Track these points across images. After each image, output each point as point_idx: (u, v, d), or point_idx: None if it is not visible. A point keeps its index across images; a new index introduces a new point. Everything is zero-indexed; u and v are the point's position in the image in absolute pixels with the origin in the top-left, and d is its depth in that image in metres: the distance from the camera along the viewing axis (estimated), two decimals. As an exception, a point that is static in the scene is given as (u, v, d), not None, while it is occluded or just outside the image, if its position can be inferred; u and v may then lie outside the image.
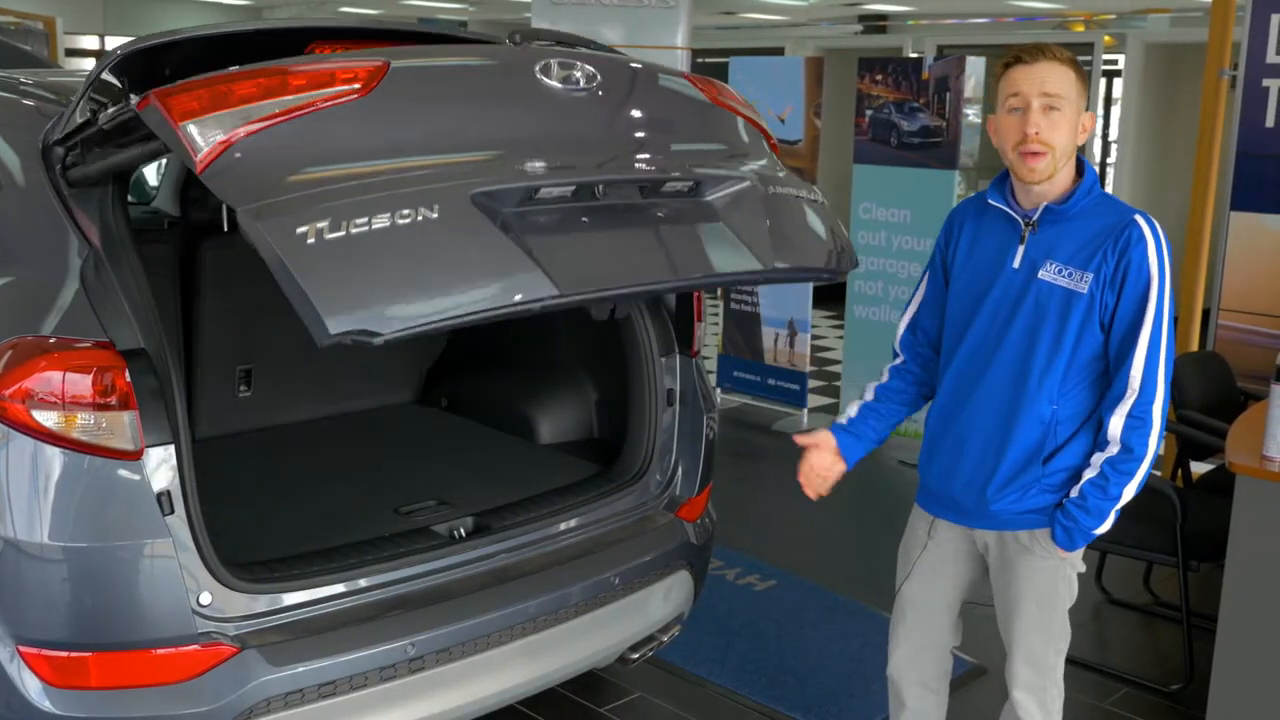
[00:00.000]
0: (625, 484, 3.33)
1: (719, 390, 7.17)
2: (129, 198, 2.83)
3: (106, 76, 2.49)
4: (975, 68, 6.16)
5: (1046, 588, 2.64)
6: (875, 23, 12.73)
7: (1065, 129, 2.46)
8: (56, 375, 2.41)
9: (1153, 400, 2.47)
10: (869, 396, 2.85)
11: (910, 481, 6.17)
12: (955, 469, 2.66)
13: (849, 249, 2.90)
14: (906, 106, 6.27)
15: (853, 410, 2.84)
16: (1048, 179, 2.49)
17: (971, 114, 6.16)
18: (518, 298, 2.23)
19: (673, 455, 3.41)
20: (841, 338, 7.59)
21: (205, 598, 2.51)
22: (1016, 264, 2.55)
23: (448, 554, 2.92)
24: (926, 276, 2.81)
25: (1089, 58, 9.74)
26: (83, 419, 2.40)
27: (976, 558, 2.75)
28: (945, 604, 2.81)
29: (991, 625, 2.77)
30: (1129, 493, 2.52)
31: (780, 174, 2.85)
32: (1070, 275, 2.49)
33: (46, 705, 2.44)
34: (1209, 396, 4.53)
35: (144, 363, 2.45)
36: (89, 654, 2.44)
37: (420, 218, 2.16)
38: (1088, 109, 2.54)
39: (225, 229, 3.66)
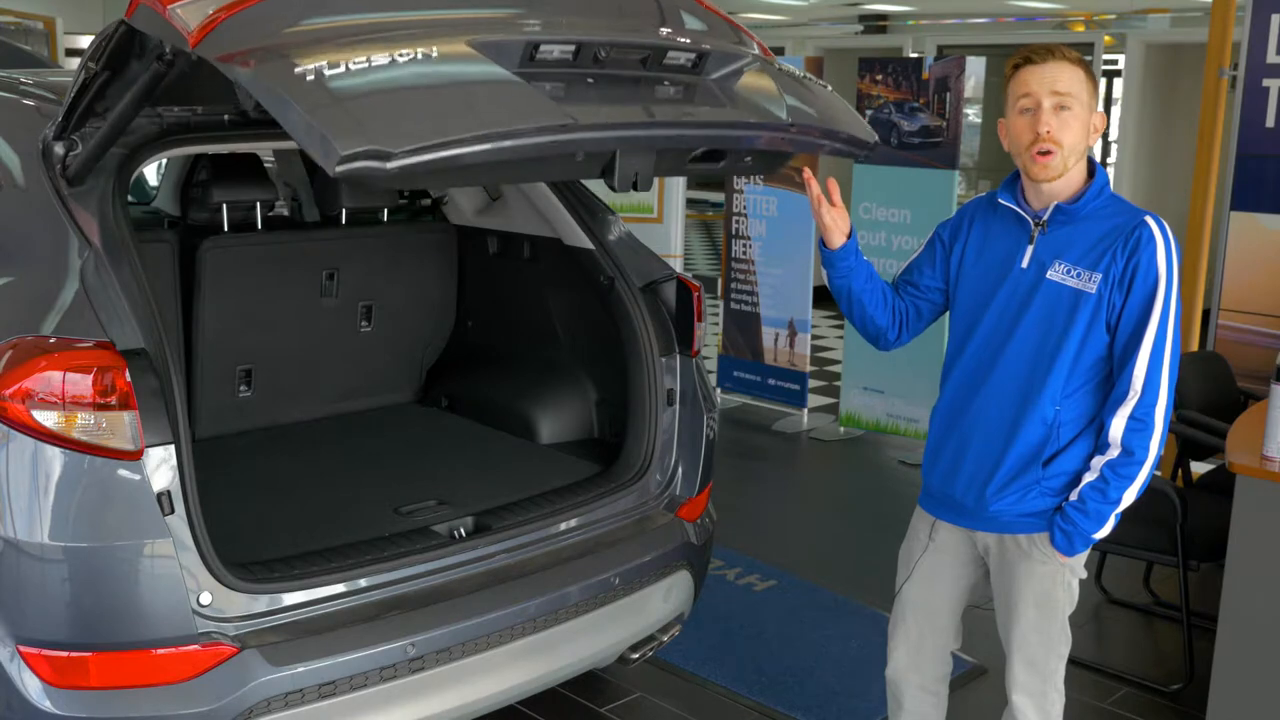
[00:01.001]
0: (625, 484, 3.33)
1: (719, 390, 7.17)
2: (129, 198, 2.82)
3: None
4: (975, 68, 6.16)
5: (1045, 592, 2.62)
6: (875, 23, 12.73)
7: (1076, 128, 2.46)
8: (57, 375, 2.41)
9: (1155, 403, 2.46)
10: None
11: (910, 481, 6.19)
12: (957, 469, 2.66)
13: (865, 124, 2.82)
14: (906, 106, 6.26)
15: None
16: (1059, 177, 2.49)
17: (972, 114, 6.15)
18: (532, 124, 2.14)
19: (673, 455, 3.41)
20: (841, 338, 7.59)
21: (205, 598, 2.51)
22: (1025, 264, 2.56)
23: (448, 554, 2.92)
24: (928, 242, 2.80)
25: (1089, 58, 9.74)
26: (83, 419, 2.40)
27: (978, 560, 2.75)
28: (946, 606, 2.80)
29: (992, 625, 2.77)
30: (1129, 497, 2.50)
31: (781, 66, 2.80)
32: (1079, 275, 2.49)
33: (47, 705, 2.44)
34: (1209, 396, 4.52)
35: (144, 362, 2.45)
36: (89, 654, 2.45)
37: (420, 56, 2.12)
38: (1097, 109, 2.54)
39: (225, 229, 3.69)
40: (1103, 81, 11.12)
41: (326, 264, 3.87)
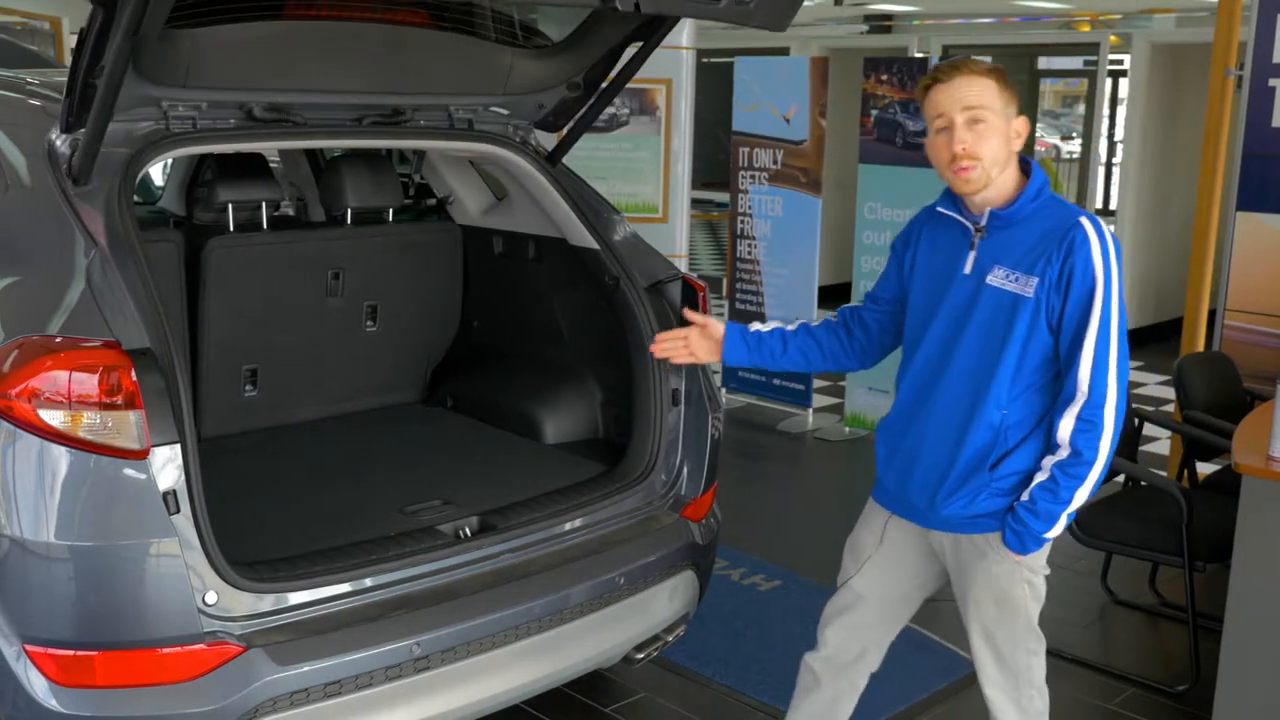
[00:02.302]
0: (630, 484, 3.33)
1: (724, 390, 7.17)
2: (134, 197, 2.83)
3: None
4: (981, 68, 6.15)
5: (1004, 590, 2.63)
6: (881, 23, 12.73)
7: (993, 139, 2.48)
8: (63, 374, 2.41)
9: (1103, 403, 2.45)
10: (790, 326, 2.89)
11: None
12: (910, 474, 2.68)
13: None
14: (912, 106, 6.26)
15: (765, 326, 2.89)
16: (983, 189, 2.51)
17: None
18: None
19: (678, 455, 3.41)
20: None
21: (211, 597, 2.51)
22: (967, 270, 2.57)
23: (453, 554, 2.92)
24: (889, 260, 2.84)
25: (1095, 58, 9.73)
26: (89, 418, 2.40)
27: (933, 555, 2.76)
28: (899, 600, 2.83)
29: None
30: (1080, 497, 2.50)
31: None
32: (1017, 280, 2.50)
33: (53, 704, 2.44)
34: (1215, 397, 4.52)
35: (150, 362, 2.46)
36: (95, 653, 2.45)
37: None
38: (1020, 114, 2.56)
39: (231, 228, 3.69)
40: (1108, 82, 11.11)
41: (332, 264, 3.87)
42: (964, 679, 3.84)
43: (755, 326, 2.90)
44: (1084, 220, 2.48)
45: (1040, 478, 2.51)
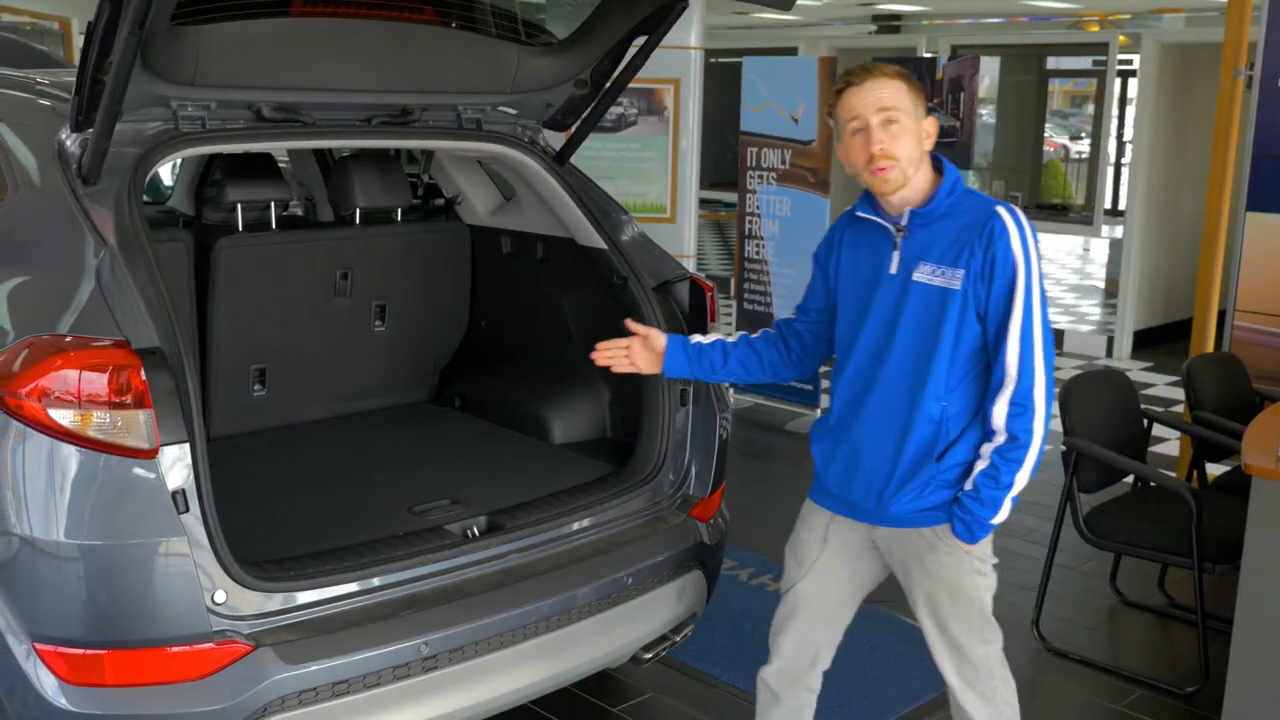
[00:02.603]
0: (638, 484, 3.33)
1: (731, 390, 7.17)
2: (144, 197, 2.83)
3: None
4: (990, 68, 6.15)
5: (955, 580, 2.67)
6: (889, 23, 12.69)
7: (907, 138, 2.54)
8: (72, 374, 2.41)
9: (1032, 386, 2.52)
10: (731, 338, 2.94)
11: (923, 482, 6.10)
12: (853, 474, 2.70)
13: None
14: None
15: (706, 338, 2.93)
16: (901, 188, 2.57)
17: (986, 114, 6.14)
18: None
19: (686, 455, 3.41)
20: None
21: (220, 596, 2.52)
22: (893, 270, 2.62)
23: (461, 553, 2.92)
24: (813, 272, 2.88)
25: (1104, 58, 9.70)
26: (98, 417, 2.41)
27: (875, 554, 2.79)
28: (842, 600, 2.85)
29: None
30: (1021, 480, 2.56)
31: None
32: (943, 274, 2.55)
33: (62, 702, 2.45)
34: (1224, 398, 4.51)
35: (159, 361, 2.46)
36: (104, 651, 2.45)
37: None
38: (929, 114, 2.62)
39: (240, 228, 3.70)
40: (1117, 82, 11.08)
41: (340, 264, 3.87)
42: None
43: (697, 339, 2.95)
44: (1001, 210, 2.55)
45: (981, 465, 2.56)
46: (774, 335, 2.94)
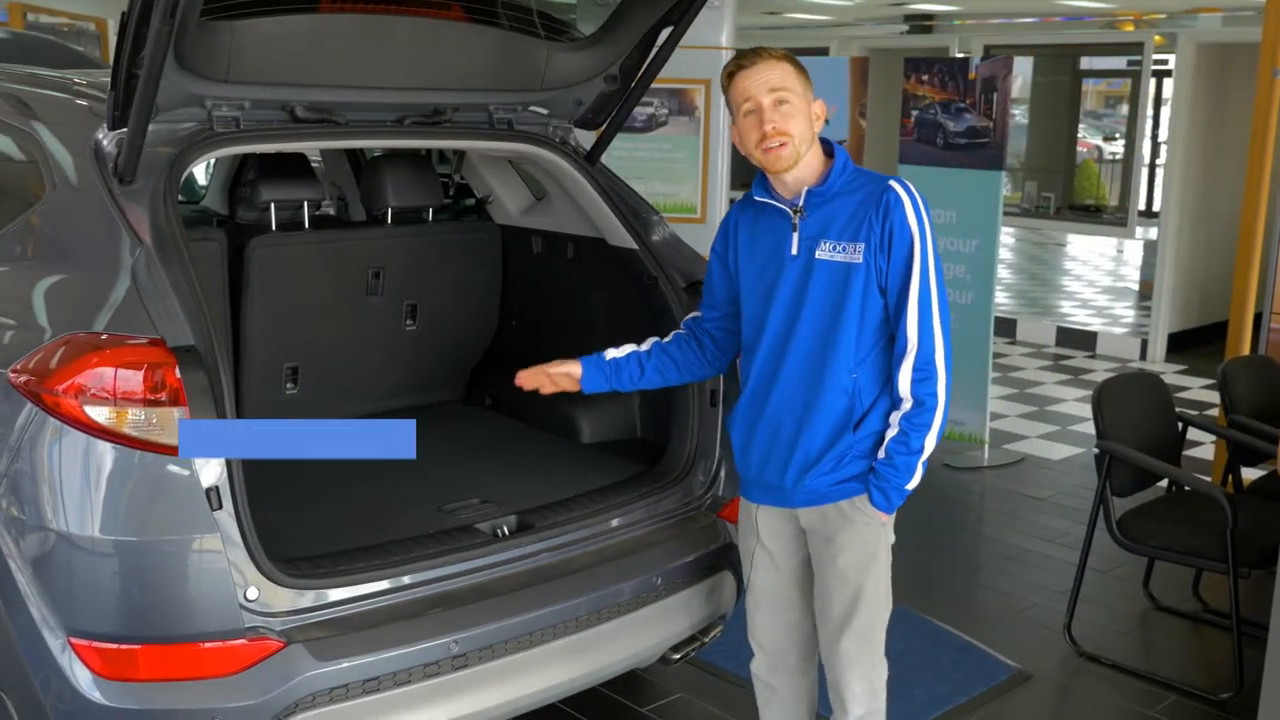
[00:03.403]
0: (668, 484, 3.32)
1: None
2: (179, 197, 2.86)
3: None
4: (1023, 68, 6.10)
5: (869, 555, 2.74)
6: (921, 22, 12.64)
7: (798, 119, 2.62)
8: (108, 371, 2.44)
9: (933, 352, 2.61)
10: (643, 347, 2.99)
11: (957, 485, 6.15)
12: (770, 456, 2.76)
13: None
14: (953, 107, 6.22)
15: (620, 352, 2.98)
16: (794, 165, 2.64)
17: (1019, 114, 6.10)
18: None
19: (715, 456, 3.40)
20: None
21: (252, 592, 2.53)
22: (794, 251, 2.69)
23: (491, 552, 2.93)
24: (709, 268, 2.94)
25: (1139, 57, 9.62)
26: (133, 414, 2.43)
27: (802, 534, 2.83)
28: (793, 584, 2.89)
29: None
30: (930, 444, 2.65)
31: None
32: (845, 249, 2.63)
33: (96, 696, 2.47)
34: (1260, 401, 4.46)
35: (194, 359, 2.48)
36: (138, 646, 2.47)
37: None
38: (817, 98, 2.70)
39: (273, 227, 3.72)
40: (1152, 82, 10.99)
41: (372, 263, 3.89)
42: (1003, 683, 3.82)
43: (611, 354, 2.98)
44: (894, 184, 2.64)
45: (891, 433, 2.65)
46: (685, 336, 3.00)
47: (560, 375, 3.00)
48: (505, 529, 3.05)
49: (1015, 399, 7.62)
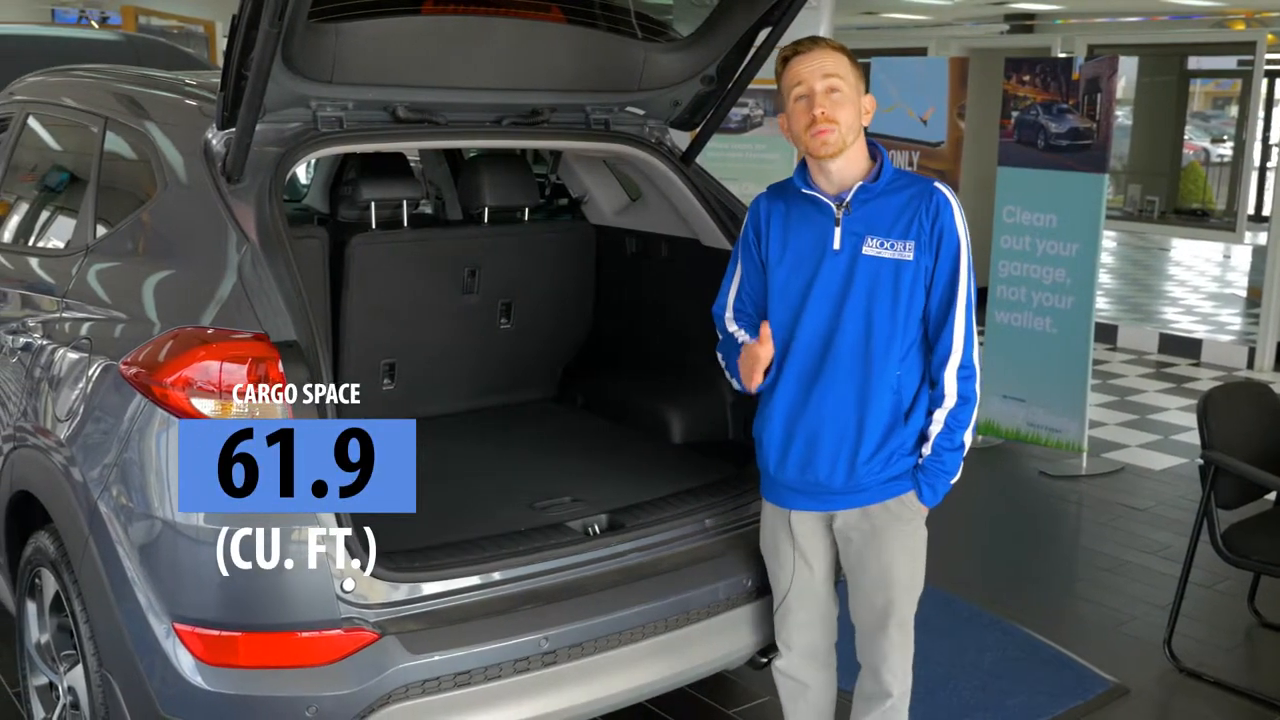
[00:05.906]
0: (758, 486, 3.31)
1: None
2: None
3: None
4: (1127, 68, 5.97)
5: (916, 549, 2.81)
6: (1022, 22, 12.43)
7: (848, 107, 2.64)
8: (214, 365, 2.50)
9: (972, 352, 2.69)
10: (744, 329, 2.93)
11: (1054, 494, 6.03)
12: (813, 458, 2.74)
13: None
14: (1055, 108, 6.10)
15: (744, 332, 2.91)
16: (840, 153, 2.64)
17: (1122, 116, 5.96)
18: None
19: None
20: (982, 343, 7.43)
21: (349, 584, 2.58)
22: (837, 245, 2.68)
23: (581, 550, 2.94)
24: (739, 262, 2.90)
25: (1250, 57, 9.34)
26: (238, 407, 2.49)
27: (832, 539, 2.86)
28: (825, 580, 2.94)
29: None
30: (968, 438, 2.73)
31: None
32: (894, 246, 2.65)
33: (198, 680, 2.54)
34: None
35: (296, 354, 2.53)
36: (238, 634, 2.54)
37: None
38: (867, 92, 2.72)
39: (373, 226, 3.78)
40: (1264, 82, 10.66)
41: (468, 262, 3.94)
42: (1100, 697, 3.74)
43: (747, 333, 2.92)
44: (940, 186, 2.68)
45: (936, 429, 2.69)
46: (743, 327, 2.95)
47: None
48: (596, 527, 3.07)
49: (1115, 406, 7.45)
